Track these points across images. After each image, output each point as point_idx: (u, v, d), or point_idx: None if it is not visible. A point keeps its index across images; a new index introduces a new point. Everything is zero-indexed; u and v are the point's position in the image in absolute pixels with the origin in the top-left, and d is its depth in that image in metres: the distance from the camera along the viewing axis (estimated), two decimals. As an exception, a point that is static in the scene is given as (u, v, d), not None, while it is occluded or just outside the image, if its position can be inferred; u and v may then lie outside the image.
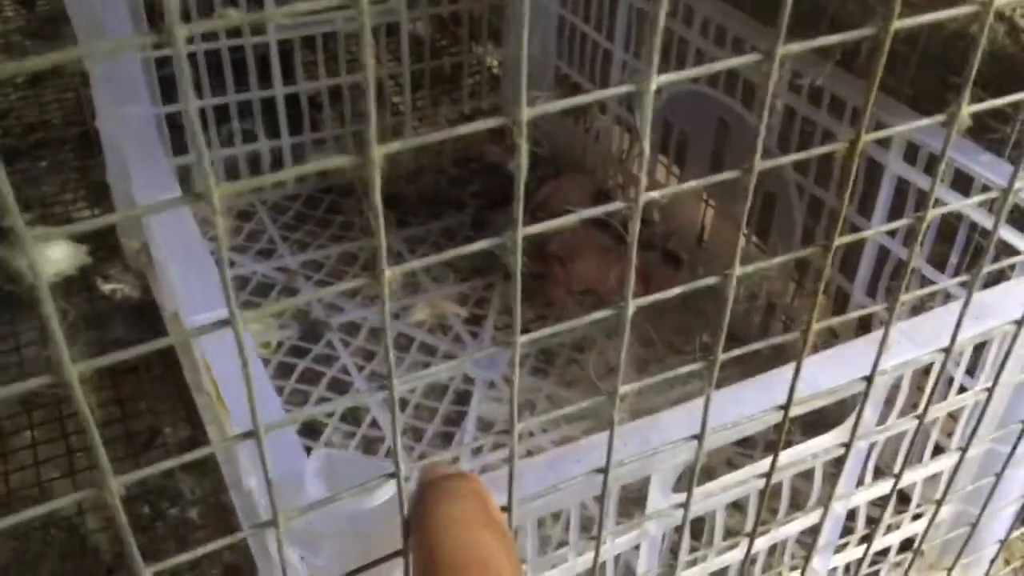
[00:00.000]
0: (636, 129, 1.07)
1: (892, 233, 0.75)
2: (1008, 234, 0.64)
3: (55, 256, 0.84)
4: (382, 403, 0.87)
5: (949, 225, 0.72)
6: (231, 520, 0.80)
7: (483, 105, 1.23)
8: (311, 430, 0.84)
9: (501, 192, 1.09)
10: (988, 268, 0.53)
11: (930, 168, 0.71)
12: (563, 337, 0.96)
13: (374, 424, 0.85)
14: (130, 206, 0.93)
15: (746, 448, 0.83)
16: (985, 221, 0.67)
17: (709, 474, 0.80)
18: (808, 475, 0.58)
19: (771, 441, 0.82)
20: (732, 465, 0.80)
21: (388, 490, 0.40)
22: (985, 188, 0.67)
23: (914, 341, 0.51)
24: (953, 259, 0.71)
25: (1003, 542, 0.71)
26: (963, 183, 0.68)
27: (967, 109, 0.40)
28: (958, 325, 0.48)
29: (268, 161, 1.10)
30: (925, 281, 0.73)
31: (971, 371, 0.65)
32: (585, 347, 0.95)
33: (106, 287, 1.03)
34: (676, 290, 0.40)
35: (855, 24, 0.35)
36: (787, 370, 0.46)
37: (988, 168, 0.65)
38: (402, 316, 0.97)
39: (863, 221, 0.77)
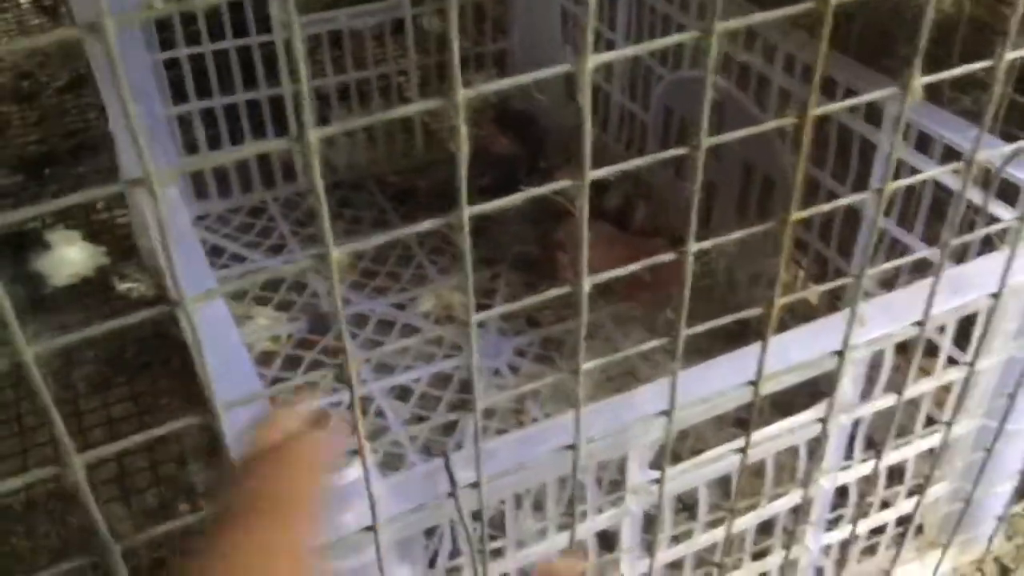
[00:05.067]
0: (640, 118, 1.07)
1: (887, 212, 0.75)
2: (995, 207, 0.64)
3: (73, 257, 0.87)
4: (387, 393, 0.88)
5: (943, 203, 0.72)
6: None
7: (491, 98, 1.24)
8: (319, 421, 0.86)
9: (510, 184, 1.10)
10: (963, 239, 0.53)
11: (922, 146, 0.70)
12: (568, 324, 0.97)
13: (380, 414, 0.86)
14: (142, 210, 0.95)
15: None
16: (976, 197, 0.66)
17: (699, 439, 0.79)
18: (795, 452, 0.59)
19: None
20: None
21: (357, 469, 0.41)
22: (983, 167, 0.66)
23: (889, 315, 0.51)
24: (945, 239, 0.70)
25: (1001, 519, 0.70)
26: (954, 158, 0.68)
27: (919, 80, 0.40)
28: (931, 297, 0.49)
29: (277, 161, 1.12)
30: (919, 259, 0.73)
31: (962, 344, 0.65)
32: (593, 334, 0.95)
33: (123, 286, 1.05)
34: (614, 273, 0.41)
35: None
36: (758, 347, 0.46)
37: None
38: (408, 307, 0.98)
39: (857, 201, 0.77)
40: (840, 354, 0.49)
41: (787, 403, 0.72)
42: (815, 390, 0.59)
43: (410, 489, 0.43)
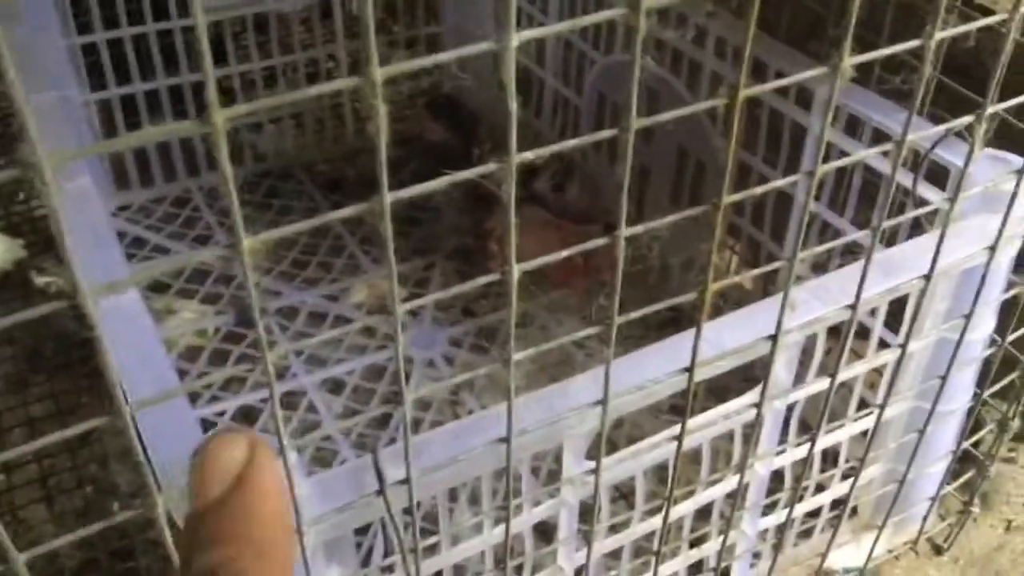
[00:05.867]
0: (574, 104, 1.06)
1: (818, 196, 0.75)
2: (924, 190, 0.64)
3: None
4: (319, 386, 0.86)
5: (873, 187, 0.72)
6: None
7: (423, 84, 1.22)
8: (247, 417, 0.83)
9: (442, 172, 1.08)
10: (894, 221, 0.52)
11: (851, 129, 0.71)
12: (503, 314, 0.95)
13: (311, 408, 0.84)
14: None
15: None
16: (905, 179, 0.67)
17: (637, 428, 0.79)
18: (731, 437, 0.58)
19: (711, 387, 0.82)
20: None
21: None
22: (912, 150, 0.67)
23: (821, 299, 0.51)
24: (875, 221, 0.71)
25: (934, 499, 0.71)
26: (883, 141, 0.68)
27: (849, 60, 0.40)
28: (862, 280, 0.48)
29: (201, 148, 1.09)
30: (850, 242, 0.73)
31: (894, 327, 0.65)
32: (526, 323, 0.94)
33: (41, 280, 1.01)
34: (563, 252, 0.40)
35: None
36: (692, 333, 0.46)
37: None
38: (341, 298, 0.96)
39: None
40: (773, 339, 0.48)
41: (722, 387, 0.72)
42: (749, 374, 0.59)
43: (337, 487, 0.42)
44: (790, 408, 0.59)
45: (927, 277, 0.52)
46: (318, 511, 0.41)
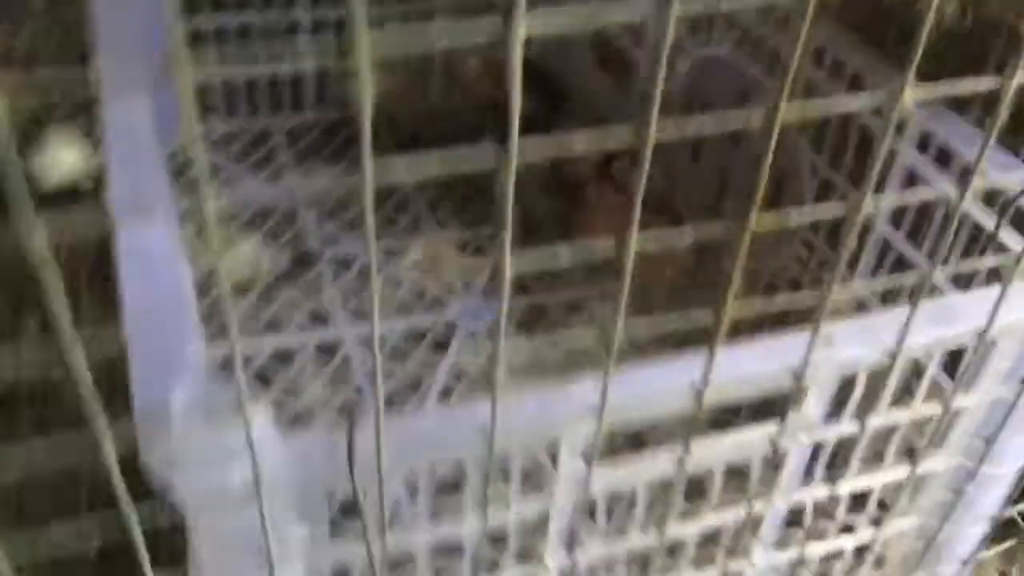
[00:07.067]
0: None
1: (896, 224, 0.71)
2: (1008, 236, 0.60)
3: (67, 158, 0.82)
4: (359, 340, 0.86)
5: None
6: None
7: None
8: (282, 359, 0.83)
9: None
10: (961, 268, 0.48)
11: (940, 159, 0.66)
12: (558, 296, 0.93)
13: (346, 360, 0.84)
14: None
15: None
16: (985, 218, 0.62)
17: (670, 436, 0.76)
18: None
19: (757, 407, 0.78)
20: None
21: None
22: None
23: (861, 341, 0.47)
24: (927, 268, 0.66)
25: (967, 562, 0.67)
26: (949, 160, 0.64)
27: (911, 94, 0.37)
28: (905, 330, 0.45)
29: (288, 89, 1.08)
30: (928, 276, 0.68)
31: (953, 371, 0.61)
32: (579, 308, 0.92)
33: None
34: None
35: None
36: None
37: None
38: (398, 255, 0.95)
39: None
40: (798, 376, 0.45)
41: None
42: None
43: (310, 454, 0.41)
44: (819, 445, 0.56)
45: (983, 334, 0.48)
46: (289, 477, 0.40)
